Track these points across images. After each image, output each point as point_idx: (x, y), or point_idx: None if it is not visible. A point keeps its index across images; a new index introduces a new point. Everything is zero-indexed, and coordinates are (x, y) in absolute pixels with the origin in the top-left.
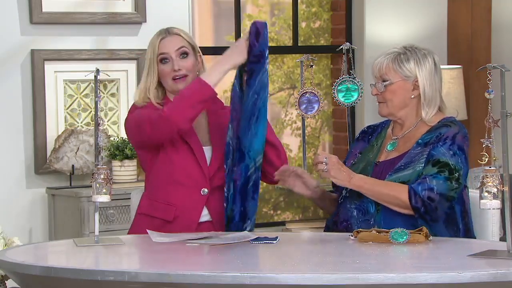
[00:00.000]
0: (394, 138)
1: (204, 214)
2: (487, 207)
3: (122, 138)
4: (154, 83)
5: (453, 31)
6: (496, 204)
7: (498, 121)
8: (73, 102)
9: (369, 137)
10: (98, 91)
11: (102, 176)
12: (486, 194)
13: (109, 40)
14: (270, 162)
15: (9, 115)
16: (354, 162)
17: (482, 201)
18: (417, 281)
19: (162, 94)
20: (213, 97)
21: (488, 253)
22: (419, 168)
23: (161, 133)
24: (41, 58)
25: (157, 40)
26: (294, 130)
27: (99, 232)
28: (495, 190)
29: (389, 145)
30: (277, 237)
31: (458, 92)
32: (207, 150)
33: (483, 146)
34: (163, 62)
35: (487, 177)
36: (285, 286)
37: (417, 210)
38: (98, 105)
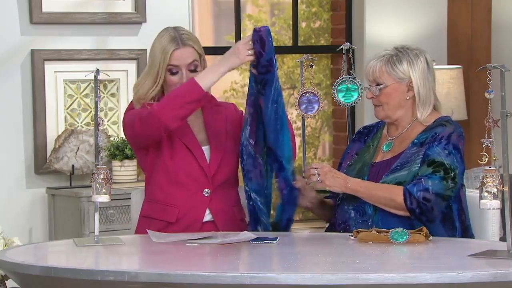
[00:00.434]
0: (389, 138)
1: (206, 214)
2: (487, 207)
3: (122, 138)
4: (157, 90)
5: (453, 31)
6: (496, 204)
7: (498, 121)
8: (73, 102)
9: (365, 138)
10: (98, 91)
11: (102, 176)
12: (486, 194)
13: (109, 40)
14: None
15: (9, 115)
16: (350, 163)
17: (482, 201)
18: (417, 281)
19: (160, 94)
20: (203, 98)
21: (488, 253)
22: (415, 169)
23: (150, 130)
24: (41, 58)
25: (170, 50)
26: (294, 130)
27: (99, 232)
28: (495, 190)
29: (385, 145)
30: (277, 237)
31: (458, 92)
32: (205, 149)
33: (483, 146)
34: (172, 72)
35: (487, 177)
36: (285, 286)
37: (412, 211)
38: (98, 105)
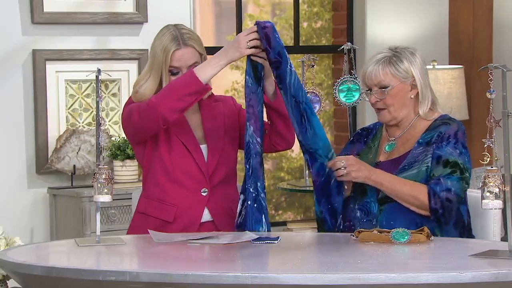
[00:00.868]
0: (392, 139)
1: (205, 213)
2: (489, 207)
3: (124, 138)
4: (156, 88)
5: (454, 30)
6: (497, 204)
7: (500, 121)
8: (74, 102)
9: (365, 139)
10: (100, 91)
11: (103, 176)
12: (488, 194)
13: (110, 40)
14: (277, 132)
15: (11, 115)
16: None
17: (484, 201)
18: (418, 281)
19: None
20: (203, 91)
21: (489, 253)
22: (424, 168)
23: (148, 122)
24: (43, 58)
25: (170, 50)
26: None
27: (101, 232)
28: (497, 190)
29: (387, 146)
30: (278, 237)
31: (459, 92)
32: (203, 148)
33: (485, 146)
34: (173, 73)
35: (489, 177)
36: (286, 286)
37: (435, 211)
38: (100, 105)
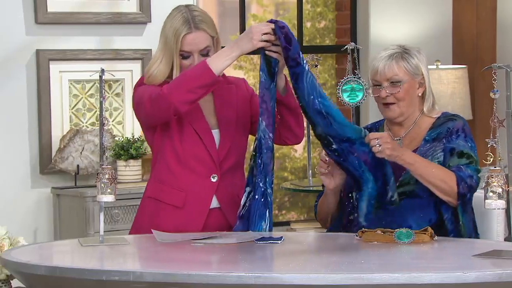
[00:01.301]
0: (397, 139)
1: (213, 200)
2: (492, 207)
3: (127, 138)
4: (168, 71)
5: (458, 30)
6: (501, 204)
7: (503, 121)
8: (78, 102)
9: None
10: (103, 91)
11: (107, 176)
12: (491, 194)
13: (114, 40)
14: (287, 126)
15: (14, 115)
16: None
17: (487, 201)
18: (422, 281)
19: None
20: (215, 83)
21: (493, 253)
22: (436, 162)
23: (160, 112)
24: (46, 58)
25: (181, 33)
26: None
27: (104, 232)
28: (500, 190)
29: None
30: (282, 237)
31: (463, 92)
32: (215, 133)
33: (488, 146)
34: (184, 57)
35: (492, 177)
36: (290, 286)
37: (463, 196)
38: (103, 105)
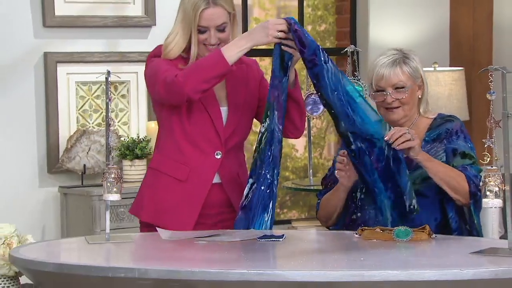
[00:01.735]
0: None
1: (215, 176)
2: (489, 205)
3: (133, 138)
4: (184, 45)
5: (455, 33)
6: (497, 202)
7: (500, 122)
8: (84, 103)
9: None
10: (109, 92)
11: (113, 175)
12: (488, 193)
13: (119, 43)
14: (291, 120)
15: (23, 115)
16: None
17: (484, 200)
18: (421, 278)
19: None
20: (227, 72)
21: (489, 251)
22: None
23: (172, 98)
24: (54, 61)
25: (200, 7)
26: None
27: (110, 230)
28: (497, 189)
29: None
30: (283, 235)
31: (460, 93)
32: (223, 111)
33: (485, 146)
34: (200, 31)
35: (489, 177)
36: (291, 283)
37: (475, 195)
38: (109, 106)
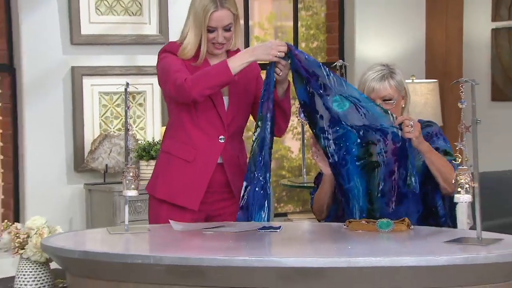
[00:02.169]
0: None
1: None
2: (461, 200)
3: (148, 141)
4: (197, 43)
5: (430, 49)
6: (467, 198)
7: (469, 127)
8: (106, 111)
9: None
10: (128, 101)
11: (131, 174)
12: (459, 189)
13: (137, 58)
14: (278, 124)
15: (53, 122)
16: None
17: (456, 195)
18: (400, 264)
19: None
20: (230, 81)
21: (460, 240)
22: (421, 163)
23: (181, 97)
24: (80, 74)
25: (209, 10)
26: (295, 135)
27: (129, 221)
28: (467, 186)
29: None
30: (280, 226)
31: (434, 102)
32: (225, 99)
33: (457, 148)
34: (210, 31)
35: (460, 175)
36: (287, 268)
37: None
38: (128, 113)
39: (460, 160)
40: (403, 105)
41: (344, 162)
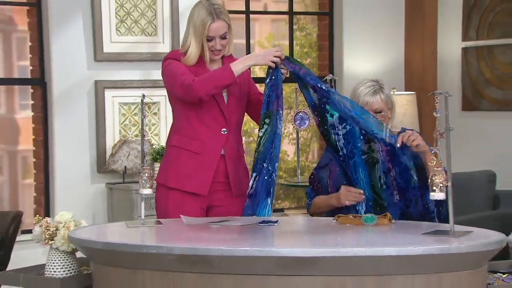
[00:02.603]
0: None
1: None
2: (435, 198)
3: (162, 146)
4: (199, 52)
5: (408, 66)
6: (441, 195)
7: (443, 134)
8: (125, 119)
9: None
10: (144, 111)
11: (146, 175)
12: (434, 188)
13: (152, 73)
14: (258, 117)
15: (79, 129)
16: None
17: (431, 193)
18: (383, 254)
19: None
20: (232, 83)
21: (436, 233)
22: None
23: (188, 97)
24: (102, 87)
25: (207, 22)
26: (290, 140)
27: (145, 216)
28: (441, 185)
29: None
30: (278, 221)
31: (413, 112)
32: (224, 96)
33: (432, 152)
34: (209, 40)
35: (435, 175)
36: (284, 258)
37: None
38: (144, 121)
39: (435, 162)
40: (389, 116)
41: (352, 155)
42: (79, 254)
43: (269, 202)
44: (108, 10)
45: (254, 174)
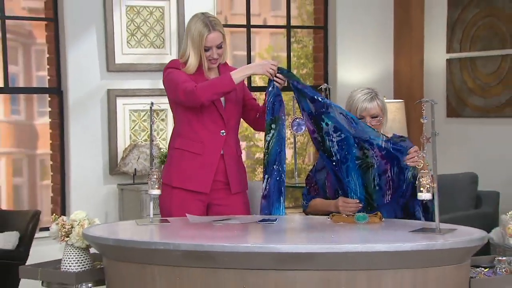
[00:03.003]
0: None
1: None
2: (422, 198)
3: None
4: (198, 62)
5: (397, 75)
6: (428, 196)
7: (430, 139)
8: (135, 125)
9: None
10: (153, 117)
11: (155, 176)
12: (422, 189)
13: (160, 82)
14: (252, 120)
15: (92, 134)
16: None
17: (419, 193)
18: (374, 250)
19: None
20: (231, 90)
21: (422, 230)
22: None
23: (190, 103)
24: (114, 95)
25: (204, 34)
26: (288, 144)
27: (153, 215)
28: (428, 186)
29: None
30: (276, 219)
31: (401, 118)
32: (222, 100)
33: (419, 156)
34: (206, 50)
35: (422, 177)
36: (283, 254)
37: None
38: (152, 127)
39: (422, 165)
40: (383, 121)
41: (345, 160)
42: (92, 250)
43: (282, 201)
44: (120, 24)
45: (266, 176)
